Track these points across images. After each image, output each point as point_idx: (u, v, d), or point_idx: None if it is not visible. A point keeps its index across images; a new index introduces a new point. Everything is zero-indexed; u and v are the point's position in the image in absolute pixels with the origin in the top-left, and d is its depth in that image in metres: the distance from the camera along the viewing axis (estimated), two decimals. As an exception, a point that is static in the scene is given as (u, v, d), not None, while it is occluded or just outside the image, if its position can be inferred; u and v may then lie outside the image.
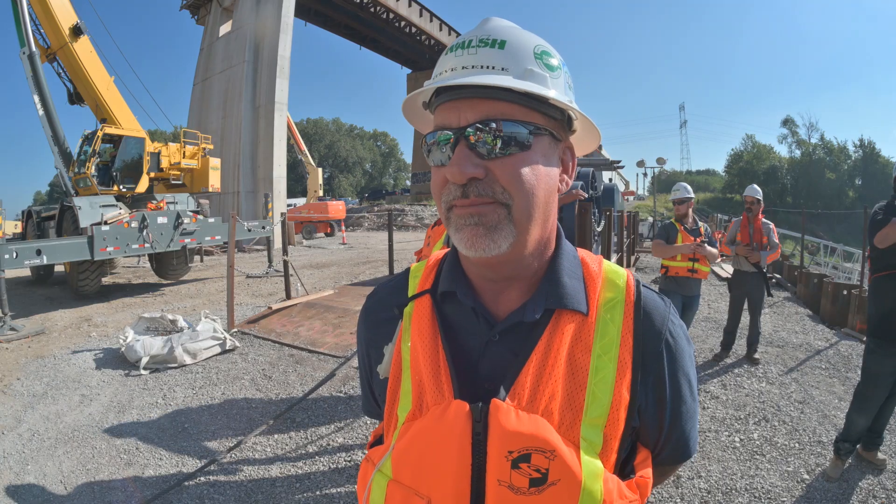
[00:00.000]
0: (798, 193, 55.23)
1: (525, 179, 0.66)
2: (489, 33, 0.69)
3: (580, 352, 0.69)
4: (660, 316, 0.75)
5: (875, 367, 3.21)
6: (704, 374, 5.26)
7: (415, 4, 33.51)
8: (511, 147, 0.65)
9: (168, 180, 12.79)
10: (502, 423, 0.63)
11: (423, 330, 0.74)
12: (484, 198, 0.66)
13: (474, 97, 0.66)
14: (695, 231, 5.08)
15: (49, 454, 3.81)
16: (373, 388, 0.88)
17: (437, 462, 0.64)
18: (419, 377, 0.71)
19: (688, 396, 0.77)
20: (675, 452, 0.80)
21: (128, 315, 8.43)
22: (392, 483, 0.67)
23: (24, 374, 5.56)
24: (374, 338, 0.85)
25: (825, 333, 6.78)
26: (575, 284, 0.74)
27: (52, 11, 10.95)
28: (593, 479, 0.63)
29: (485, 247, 0.66)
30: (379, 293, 0.89)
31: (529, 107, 0.67)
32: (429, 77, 0.73)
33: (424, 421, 0.67)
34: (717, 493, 3.16)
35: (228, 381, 5.20)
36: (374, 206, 43.19)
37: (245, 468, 3.57)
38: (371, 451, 0.75)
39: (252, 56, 22.65)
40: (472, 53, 0.68)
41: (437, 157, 0.69)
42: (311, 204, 28.17)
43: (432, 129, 0.71)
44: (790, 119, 60.42)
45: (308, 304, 7.69)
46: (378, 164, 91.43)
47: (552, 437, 0.63)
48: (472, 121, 0.66)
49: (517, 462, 0.62)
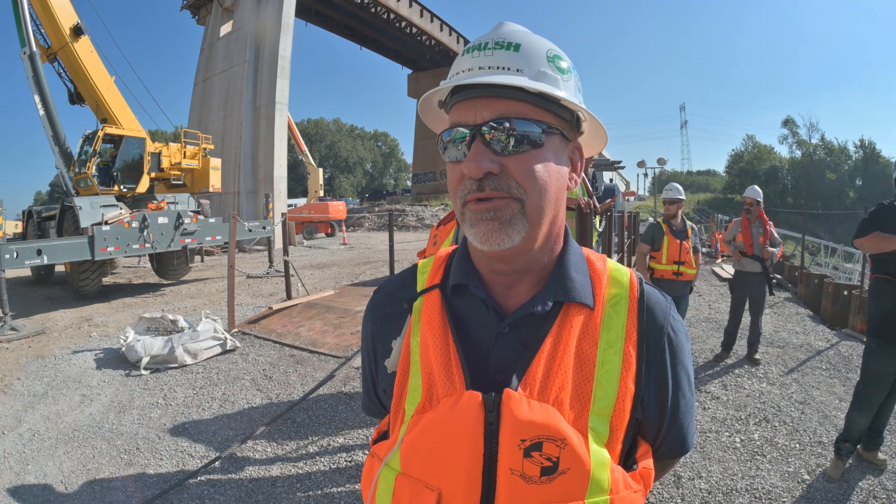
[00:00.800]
0: (798, 194, 55.15)
1: (538, 176, 0.69)
2: (504, 36, 0.72)
3: (587, 344, 0.71)
4: (662, 312, 0.78)
5: (875, 367, 3.22)
6: (705, 375, 5.26)
7: (415, 5, 33.51)
8: (525, 145, 0.68)
9: (169, 180, 12.80)
10: (515, 412, 0.64)
11: (434, 323, 0.75)
12: (499, 192, 0.68)
13: (490, 96, 0.69)
14: (682, 232, 5.15)
15: (49, 454, 3.82)
16: (377, 384, 0.88)
17: (449, 453, 0.65)
18: (429, 370, 0.72)
19: (687, 390, 0.80)
20: (674, 446, 0.82)
21: (128, 315, 8.43)
22: (401, 476, 0.68)
23: (25, 374, 5.57)
24: (382, 332, 0.86)
25: (826, 334, 6.78)
26: (582, 279, 0.76)
27: (52, 11, 10.95)
28: (601, 469, 0.65)
29: (499, 241, 0.69)
30: (386, 288, 0.91)
31: (542, 107, 0.70)
32: (430, 77, 0.74)
33: (436, 412, 0.68)
34: (717, 494, 3.16)
35: (229, 382, 5.20)
36: (375, 206, 43.15)
37: (246, 468, 3.57)
38: (376, 447, 0.76)
39: (253, 56, 22.67)
40: (489, 55, 0.71)
41: (452, 153, 0.72)
42: (311, 204, 28.16)
43: (448, 127, 0.74)
44: (791, 119, 60.40)
45: (309, 305, 7.69)
46: (379, 164, 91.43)
47: (563, 427, 0.64)
48: (488, 119, 0.68)
49: (529, 451, 0.63)
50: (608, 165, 24.90)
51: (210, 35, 25.23)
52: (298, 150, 30.95)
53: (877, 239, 3.12)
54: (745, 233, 5.57)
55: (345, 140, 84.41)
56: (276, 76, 21.94)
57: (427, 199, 41.50)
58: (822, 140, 59.17)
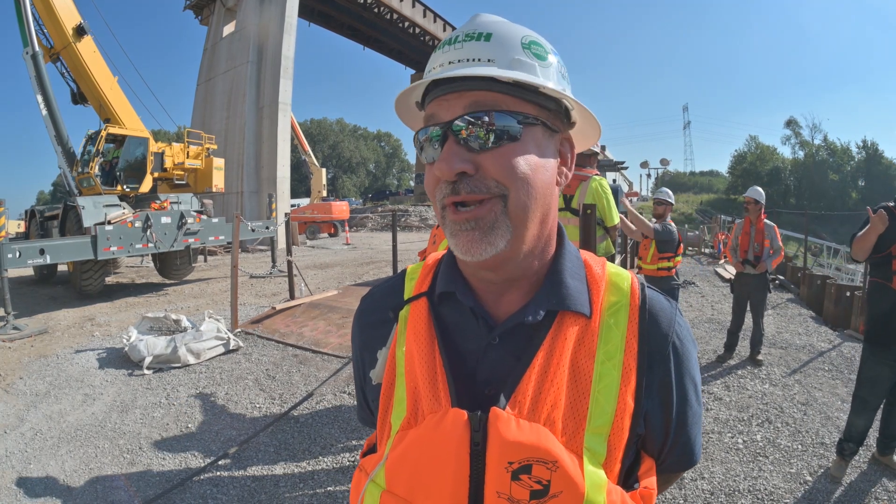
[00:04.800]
0: (801, 195, 54.92)
1: (519, 170, 0.64)
2: (475, 28, 0.68)
3: (583, 357, 0.67)
4: (666, 318, 0.73)
5: (868, 372, 3.26)
6: (708, 376, 5.25)
7: (418, 5, 33.51)
8: (502, 139, 0.64)
9: (172, 180, 12.83)
10: (502, 432, 0.60)
11: (420, 334, 0.71)
12: (476, 194, 0.64)
13: (462, 90, 0.65)
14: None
15: (52, 453, 3.83)
16: (366, 393, 0.85)
17: (434, 473, 0.62)
18: (414, 383, 0.68)
19: (693, 401, 0.75)
20: (680, 459, 0.78)
21: (131, 315, 8.45)
22: (386, 494, 0.64)
23: (27, 374, 5.58)
24: (368, 341, 0.82)
25: (828, 335, 6.76)
26: (578, 286, 0.71)
27: (55, 11, 10.98)
28: (596, 491, 0.60)
29: (481, 250, 0.65)
30: (374, 295, 0.87)
31: (519, 97, 0.66)
32: None
33: (420, 430, 0.64)
34: (720, 495, 3.15)
35: (232, 381, 5.21)
36: (378, 206, 43.20)
37: (248, 467, 3.57)
38: (364, 460, 0.72)
39: (256, 56, 22.72)
40: (459, 48, 0.67)
41: (429, 154, 0.68)
42: (314, 204, 28.16)
43: (423, 126, 0.70)
44: (794, 120, 59.99)
45: (312, 305, 7.69)
46: (382, 164, 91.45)
47: (554, 448, 0.60)
48: (460, 113, 0.65)
49: (517, 473, 0.59)
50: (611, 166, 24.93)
51: (213, 35, 25.31)
52: (301, 150, 30.93)
53: (856, 241, 3.16)
54: (744, 238, 5.58)
55: (348, 140, 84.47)
56: (279, 76, 21.99)
57: (430, 199, 41.47)
58: (825, 141, 58.87)
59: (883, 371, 3.17)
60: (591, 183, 3.68)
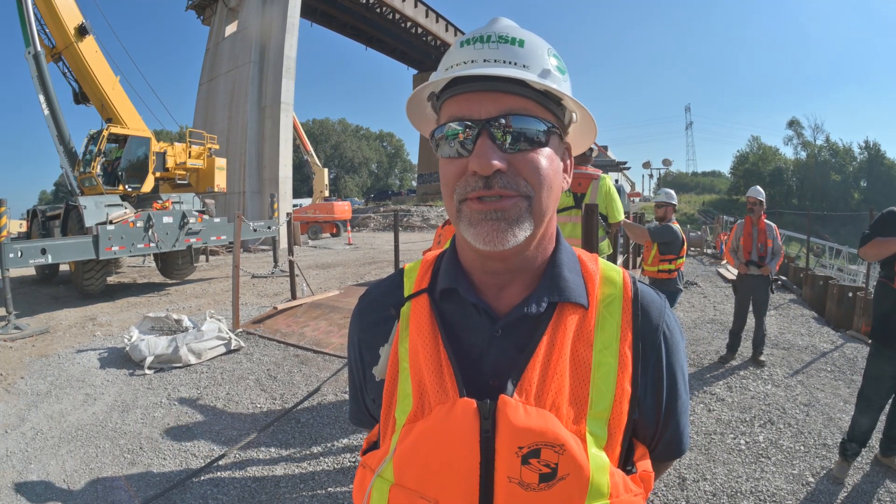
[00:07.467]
0: (803, 195, 54.79)
1: (545, 174, 0.68)
2: (507, 31, 0.70)
3: (582, 346, 0.70)
4: (656, 310, 0.77)
5: (873, 370, 3.29)
6: (710, 377, 5.24)
7: (421, 5, 33.57)
8: (532, 143, 0.67)
9: (174, 180, 12.84)
10: (511, 418, 0.63)
11: (423, 329, 0.73)
12: (508, 191, 0.67)
13: (495, 90, 0.67)
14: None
15: (53, 453, 3.83)
16: (365, 393, 0.86)
17: (444, 462, 0.64)
18: (420, 377, 0.70)
19: (682, 389, 0.79)
20: (669, 447, 0.81)
21: (133, 314, 8.46)
22: (395, 487, 0.66)
23: (29, 373, 5.59)
24: (369, 339, 0.83)
25: (830, 336, 6.74)
26: (576, 279, 0.75)
27: (57, 11, 10.98)
28: (601, 473, 0.63)
29: (504, 241, 0.67)
30: (372, 294, 0.88)
31: (545, 105, 0.69)
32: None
33: (429, 421, 0.66)
34: (722, 496, 3.14)
35: (233, 381, 5.20)
36: (380, 206, 43.21)
37: (249, 468, 3.57)
38: (366, 458, 0.74)
39: (258, 56, 22.73)
40: (493, 48, 0.68)
41: (451, 148, 0.69)
42: (316, 204, 28.15)
43: (445, 121, 0.71)
44: (796, 121, 59.85)
45: (313, 305, 7.69)
46: (384, 164, 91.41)
47: (561, 432, 0.63)
48: (495, 114, 0.66)
49: (527, 458, 0.62)
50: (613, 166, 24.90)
51: (215, 35, 25.34)
52: (304, 150, 30.97)
53: (876, 245, 3.17)
54: (747, 239, 5.57)
55: (350, 140, 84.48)
56: (281, 76, 22.00)
57: (432, 199, 41.54)
58: (827, 141, 58.73)
59: (886, 368, 3.20)
60: (601, 181, 3.88)
